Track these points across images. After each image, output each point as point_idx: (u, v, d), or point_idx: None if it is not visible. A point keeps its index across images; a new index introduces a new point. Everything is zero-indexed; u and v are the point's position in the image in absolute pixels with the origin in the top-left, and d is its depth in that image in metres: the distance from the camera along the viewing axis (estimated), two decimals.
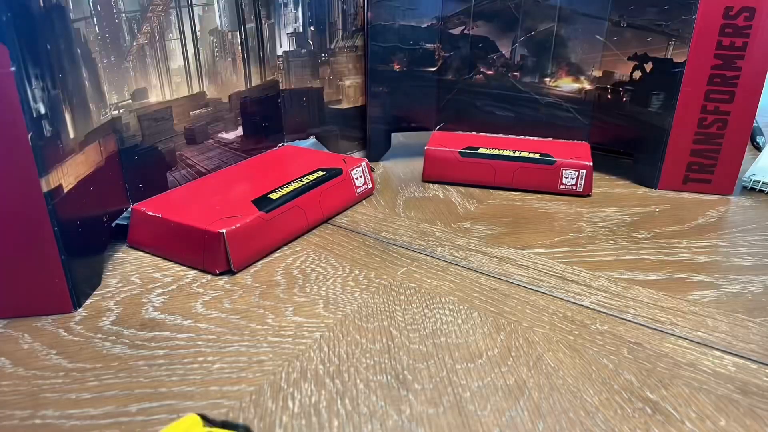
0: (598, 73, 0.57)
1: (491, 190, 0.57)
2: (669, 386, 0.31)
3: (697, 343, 0.34)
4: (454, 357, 0.33)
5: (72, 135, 0.38)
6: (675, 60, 0.52)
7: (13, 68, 0.32)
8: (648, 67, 0.54)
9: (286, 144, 0.60)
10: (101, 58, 0.42)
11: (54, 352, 0.34)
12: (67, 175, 0.37)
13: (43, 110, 0.34)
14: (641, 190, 0.56)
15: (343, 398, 0.30)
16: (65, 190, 0.37)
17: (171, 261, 0.44)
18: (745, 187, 0.56)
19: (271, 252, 0.45)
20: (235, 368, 0.33)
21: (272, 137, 0.58)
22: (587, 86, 0.58)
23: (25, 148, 0.33)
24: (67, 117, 0.37)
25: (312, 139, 0.62)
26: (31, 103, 0.33)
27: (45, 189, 0.34)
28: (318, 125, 0.61)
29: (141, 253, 0.45)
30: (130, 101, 0.44)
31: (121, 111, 0.44)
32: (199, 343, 0.35)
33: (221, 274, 0.42)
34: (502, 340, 0.35)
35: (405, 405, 0.30)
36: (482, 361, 0.33)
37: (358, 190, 0.53)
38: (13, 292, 0.36)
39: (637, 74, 0.55)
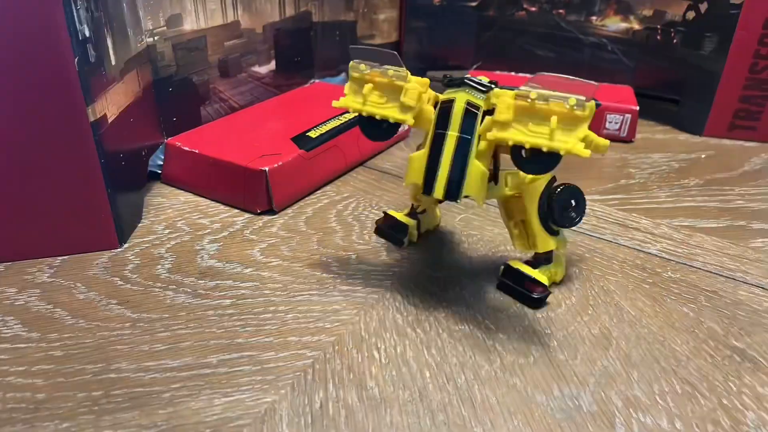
0: (648, 12, 0.55)
1: None
2: (752, 334, 0.31)
3: None
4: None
5: (113, 62, 0.34)
6: (732, 1, 0.50)
7: None
8: (703, 7, 0.52)
9: (316, 81, 0.56)
10: None
11: (114, 302, 0.32)
12: (110, 105, 0.34)
13: (87, 33, 0.31)
14: (683, 136, 0.55)
15: (429, 348, 0.30)
16: (109, 121, 0.34)
17: (207, 198, 0.41)
18: None
19: (310, 192, 0.43)
20: (310, 318, 0.31)
21: (303, 73, 0.55)
22: (636, 26, 0.55)
23: (72, 74, 0.30)
24: (109, 42, 0.34)
25: (342, 76, 0.58)
26: (77, 25, 0.29)
27: (92, 119, 0.31)
28: (349, 62, 0.58)
29: (182, 198, 0.42)
30: (165, 28, 0.40)
31: (156, 38, 0.40)
32: (267, 292, 0.33)
33: (261, 213, 0.40)
34: (578, 289, 0.34)
35: (494, 355, 0.29)
36: (562, 310, 0.32)
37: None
38: (60, 228, 0.34)
39: (691, 15, 0.53)
